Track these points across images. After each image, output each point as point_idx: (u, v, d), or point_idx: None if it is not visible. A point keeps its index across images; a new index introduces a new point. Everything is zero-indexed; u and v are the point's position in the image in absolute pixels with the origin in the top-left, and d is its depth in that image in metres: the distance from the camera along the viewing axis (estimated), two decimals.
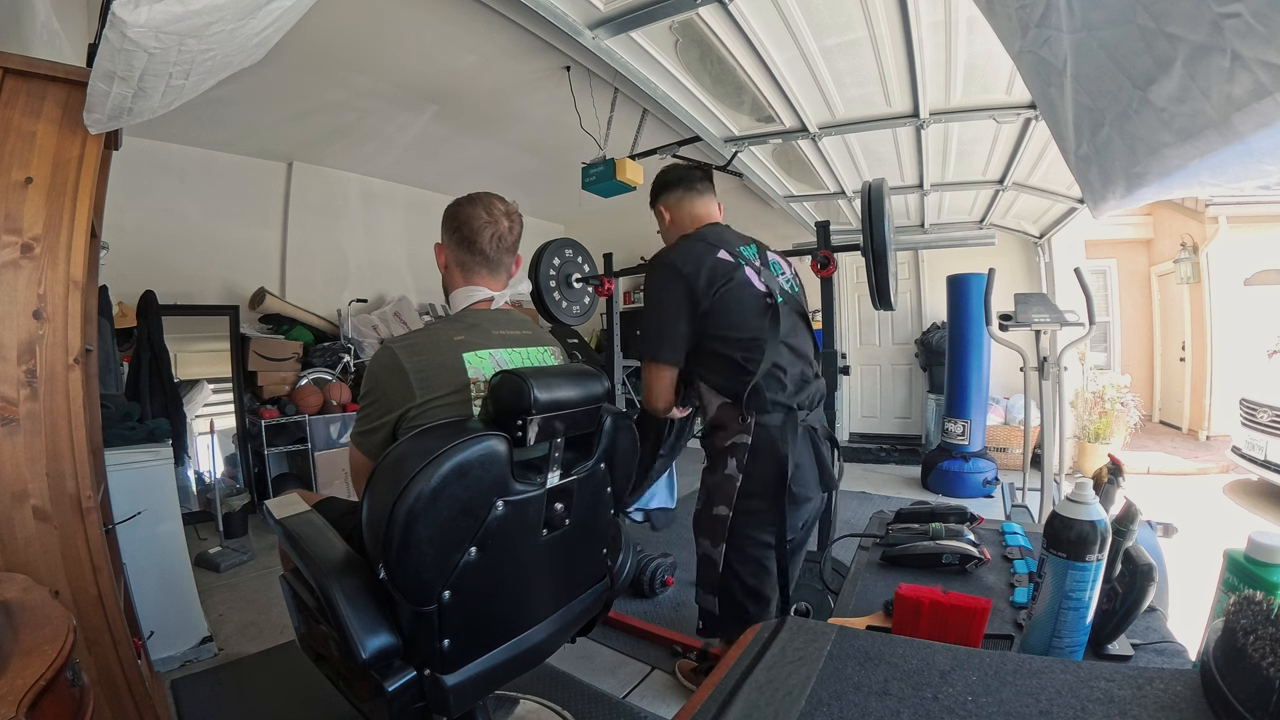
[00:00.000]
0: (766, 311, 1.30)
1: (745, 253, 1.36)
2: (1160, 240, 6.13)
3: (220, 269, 3.74)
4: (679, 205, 1.47)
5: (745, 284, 1.30)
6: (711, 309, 1.27)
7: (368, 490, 0.91)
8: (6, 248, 1.09)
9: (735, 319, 1.28)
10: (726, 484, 1.27)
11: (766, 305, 1.30)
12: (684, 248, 1.33)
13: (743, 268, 1.31)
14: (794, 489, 1.26)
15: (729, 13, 1.89)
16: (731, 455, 1.27)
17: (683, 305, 1.29)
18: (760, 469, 1.26)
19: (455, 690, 0.96)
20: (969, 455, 4.00)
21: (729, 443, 1.28)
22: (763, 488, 1.26)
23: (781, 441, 1.25)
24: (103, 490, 1.48)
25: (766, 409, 1.27)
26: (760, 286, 1.32)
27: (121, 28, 0.87)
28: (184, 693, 1.74)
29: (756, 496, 1.26)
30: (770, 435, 1.26)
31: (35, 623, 0.77)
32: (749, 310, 1.29)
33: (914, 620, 0.70)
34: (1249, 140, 0.54)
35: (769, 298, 1.31)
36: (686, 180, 1.46)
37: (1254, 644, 0.41)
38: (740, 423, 1.27)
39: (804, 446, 1.30)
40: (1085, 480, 0.69)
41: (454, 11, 2.25)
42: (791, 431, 1.25)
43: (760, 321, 1.28)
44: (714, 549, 1.29)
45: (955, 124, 2.65)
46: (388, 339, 1.28)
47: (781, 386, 1.28)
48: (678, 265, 1.29)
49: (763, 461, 1.26)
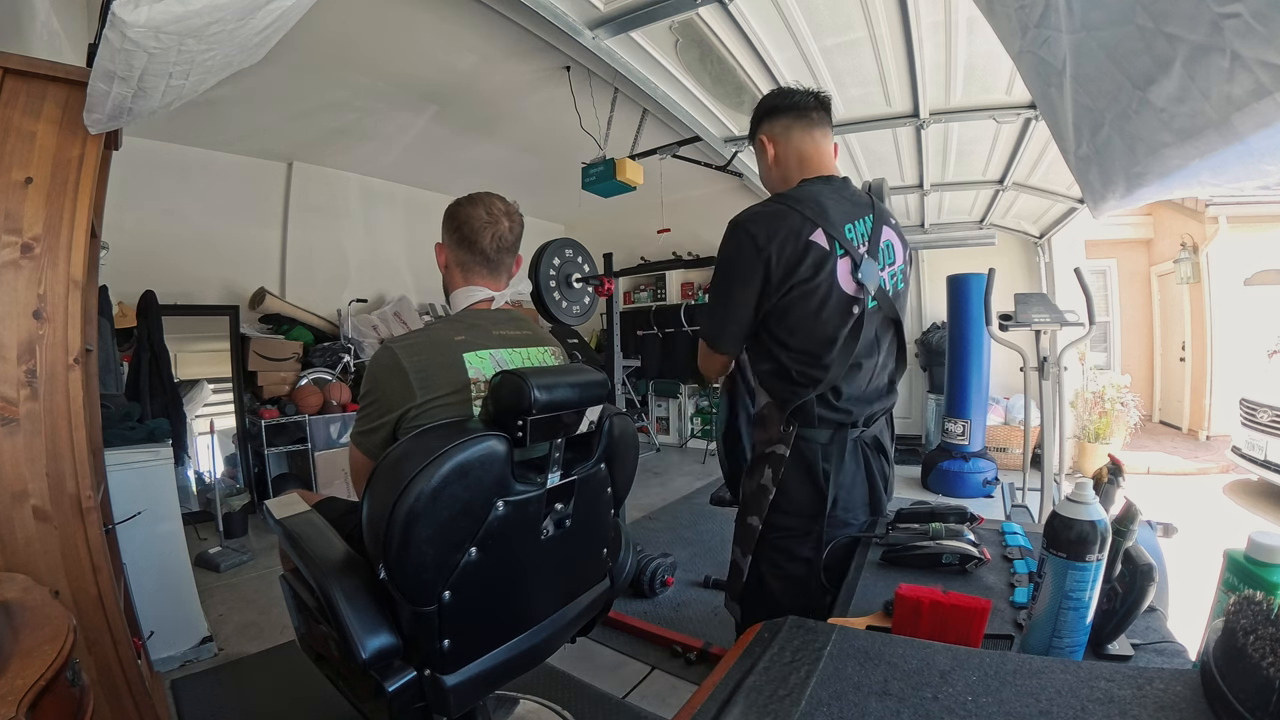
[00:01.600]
0: (846, 322, 1.05)
1: (850, 232, 1.06)
2: (1160, 240, 6.14)
3: (220, 269, 3.74)
4: (786, 136, 1.15)
5: (831, 284, 1.03)
6: (777, 307, 1.05)
7: (368, 490, 0.91)
8: (6, 248, 1.09)
9: (803, 326, 1.05)
10: (760, 494, 1.12)
11: (850, 314, 1.05)
12: (771, 214, 1.05)
13: (835, 259, 1.03)
14: (837, 513, 1.09)
15: (729, 13, 1.89)
16: (768, 464, 1.11)
17: (752, 288, 1.05)
18: (795, 488, 1.10)
19: (455, 690, 0.96)
20: (969, 455, 4.00)
21: (768, 450, 1.12)
22: (796, 508, 1.10)
23: (824, 461, 1.08)
24: (103, 490, 1.48)
25: (812, 423, 1.08)
26: (849, 288, 1.05)
27: (121, 28, 0.87)
28: (184, 693, 1.74)
29: (788, 514, 1.11)
30: (811, 453, 1.08)
31: (35, 623, 0.77)
32: (825, 317, 1.04)
33: (914, 620, 0.70)
34: (1249, 140, 0.54)
35: (856, 305, 1.05)
36: (800, 107, 1.14)
37: (1254, 644, 0.41)
38: (781, 430, 1.10)
39: (854, 466, 1.11)
40: (1085, 480, 0.69)
41: (454, 11, 2.25)
42: (838, 453, 1.08)
43: (833, 333, 1.05)
44: (742, 558, 1.16)
45: (955, 124, 2.65)
46: (388, 339, 1.28)
47: (833, 405, 1.08)
48: (756, 238, 1.03)
49: (799, 481, 1.09)
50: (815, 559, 1.09)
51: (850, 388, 1.08)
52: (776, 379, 1.11)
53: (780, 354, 1.09)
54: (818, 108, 1.15)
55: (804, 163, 1.14)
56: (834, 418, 1.08)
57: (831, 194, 1.08)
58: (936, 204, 4.13)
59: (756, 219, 1.05)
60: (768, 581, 1.14)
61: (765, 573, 1.14)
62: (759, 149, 1.20)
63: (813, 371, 1.06)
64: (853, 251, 1.05)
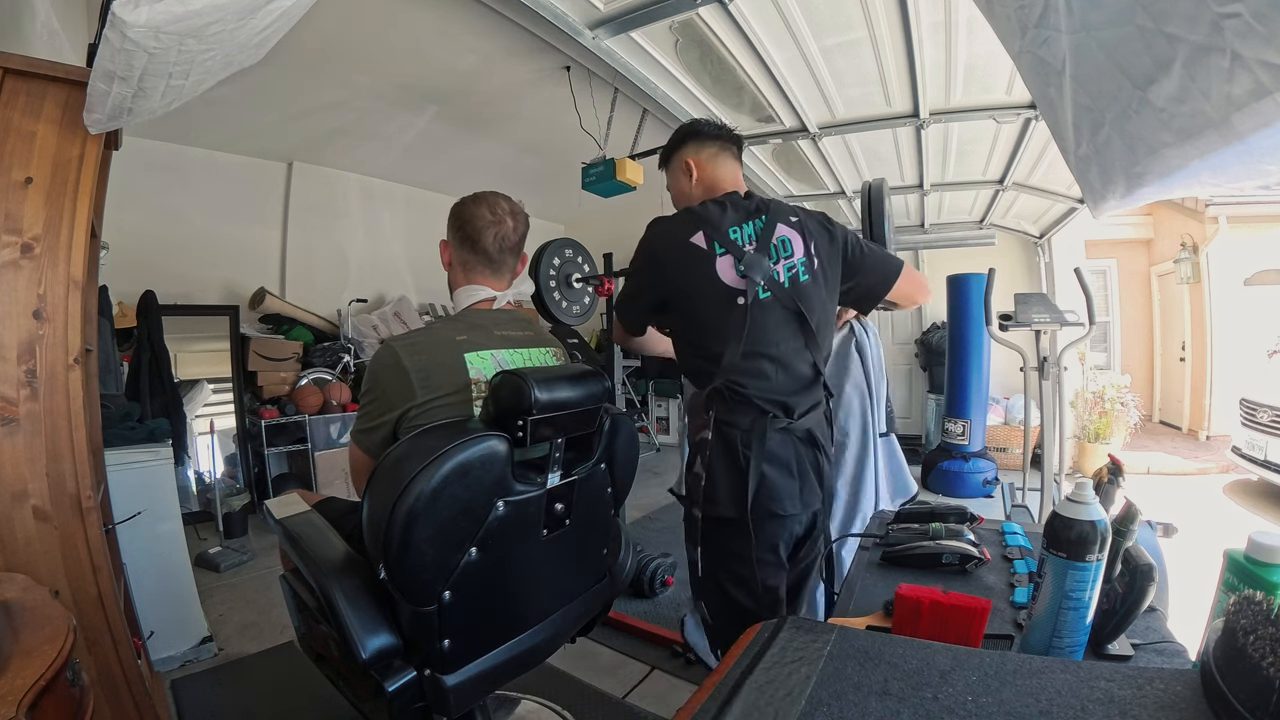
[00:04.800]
0: (730, 311, 1.11)
1: (735, 234, 1.16)
2: (1160, 240, 6.14)
3: (220, 269, 3.73)
4: (714, 162, 1.26)
5: (711, 280, 1.12)
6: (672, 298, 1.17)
7: (368, 490, 0.91)
8: (6, 248, 1.09)
9: (692, 316, 1.17)
10: (695, 483, 1.14)
11: (734, 304, 1.12)
12: (672, 228, 1.18)
13: (715, 259, 1.13)
14: (768, 505, 1.09)
15: (729, 13, 1.89)
16: (699, 451, 1.14)
17: (646, 292, 1.22)
18: (721, 474, 1.11)
19: (455, 690, 0.96)
20: (969, 455, 4.00)
21: (698, 438, 1.15)
22: (725, 495, 1.10)
23: (744, 447, 1.09)
24: (103, 490, 1.48)
25: (731, 410, 1.11)
26: (730, 281, 1.12)
27: (121, 28, 0.87)
28: (184, 693, 1.74)
29: (719, 503, 1.11)
30: (732, 438, 1.10)
31: (35, 623, 0.77)
32: (707, 307, 1.13)
33: (914, 620, 0.70)
34: (1249, 140, 0.54)
35: (740, 296, 1.12)
36: (724, 138, 1.27)
37: (1254, 644, 0.41)
38: (706, 417, 1.14)
39: (780, 455, 1.11)
40: (1085, 480, 0.69)
41: (454, 11, 2.25)
42: (758, 439, 1.08)
43: (719, 321, 1.12)
44: (693, 549, 1.17)
45: (955, 124, 2.65)
46: (389, 338, 1.27)
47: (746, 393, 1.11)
48: (655, 250, 1.18)
49: (724, 467, 1.11)
50: (747, 554, 1.09)
51: (760, 378, 1.11)
52: (689, 368, 1.21)
53: (684, 344, 1.21)
54: (737, 142, 1.30)
55: (718, 185, 1.26)
56: (751, 406, 1.10)
57: (726, 205, 1.19)
58: (936, 204, 4.13)
59: (661, 229, 1.20)
60: (718, 576, 1.15)
61: (715, 567, 1.15)
62: (680, 169, 1.29)
63: (708, 358, 1.13)
64: (734, 249, 1.14)
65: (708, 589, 1.17)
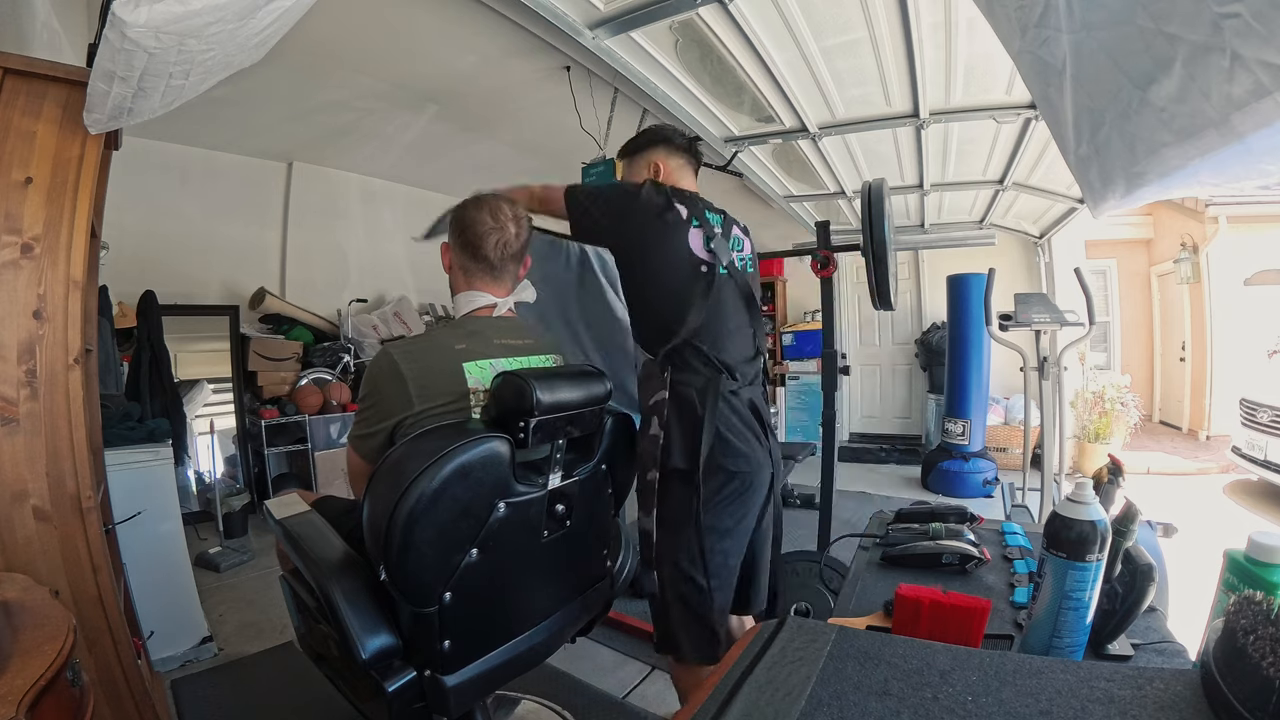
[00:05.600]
0: (697, 278, 1.23)
1: (710, 218, 1.29)
2: (1160, 240, 6.13)
3: (220, 269, 3.73)
4: (678, 171, 1.36)
5: (682, 246, 1.23)
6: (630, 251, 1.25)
7: (368, 491, 0.91)
8: (6, 248, 1.09)
9: (661, 283, 1.23)
10: (651, 445, 1.18)
11: (700, 273, 1.23)
12: (655, 189, 1.27)
13: (689, 230, 1.24)
14: (722, 461, 1.16)
15: (729, 13, 1.89)
16: (654, 413, 1.20)
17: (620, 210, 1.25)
18: (679, 429, 1.17)
19: (455, 691, 0.96)
20: (969, 455, 4.00)
21: (653, 399, 1.21)
22: (683, 450, 1.16)
23: (699, 405, 1.17)
24: (103, 490, 1.48)
25: (686, 370, 1.20)
26: (700, 252, 1.24)
27: (121, 28, 0.87)
28: (184, 693, 1.73)
29: (680, 457, 1.16)
30: (689, 395, 1.18)
31: (35, 623, 0.77)
32: (677, 267, 1.23)
33: (914, 620, 0.70)
34: (1248, 140, 0.54)
35: (705, 267, 1.24)
36: (691, 153, 1.39)
37: (1254, 644, 0.41)
38: (661, 378, 1.21)
39: (730, 416, 1.19)
40: (1085, 480, 0.69)
41: (454, 11, 2.25)
42: (712, 397, 1.17)
43: (686, 284, 1.22)
44: (647, 518, 1.19)
45: (955, 124, 2.65)
46: (388, 342, 1.28)
47: (704, 355, 1.20)
48: (639, 188, 1.26)
49: (684, 422, 1.18)
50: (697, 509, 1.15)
51: (717, 343, 1.22)
52: (648, 328, 1.27)
53: (644, 306, 1.27)
54: (700, 161, 1.42)
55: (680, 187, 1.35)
56: (708, 365, 1.20)
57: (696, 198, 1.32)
58: (936, 204, 4.13)
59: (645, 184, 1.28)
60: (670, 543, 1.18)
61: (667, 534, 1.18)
62: (645, 165, 1.37)
63: (670, 319, 1.21)
64: (707, 227, 1.26)
65: (661, 560, 1.19)
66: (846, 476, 4.22)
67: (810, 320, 5.63)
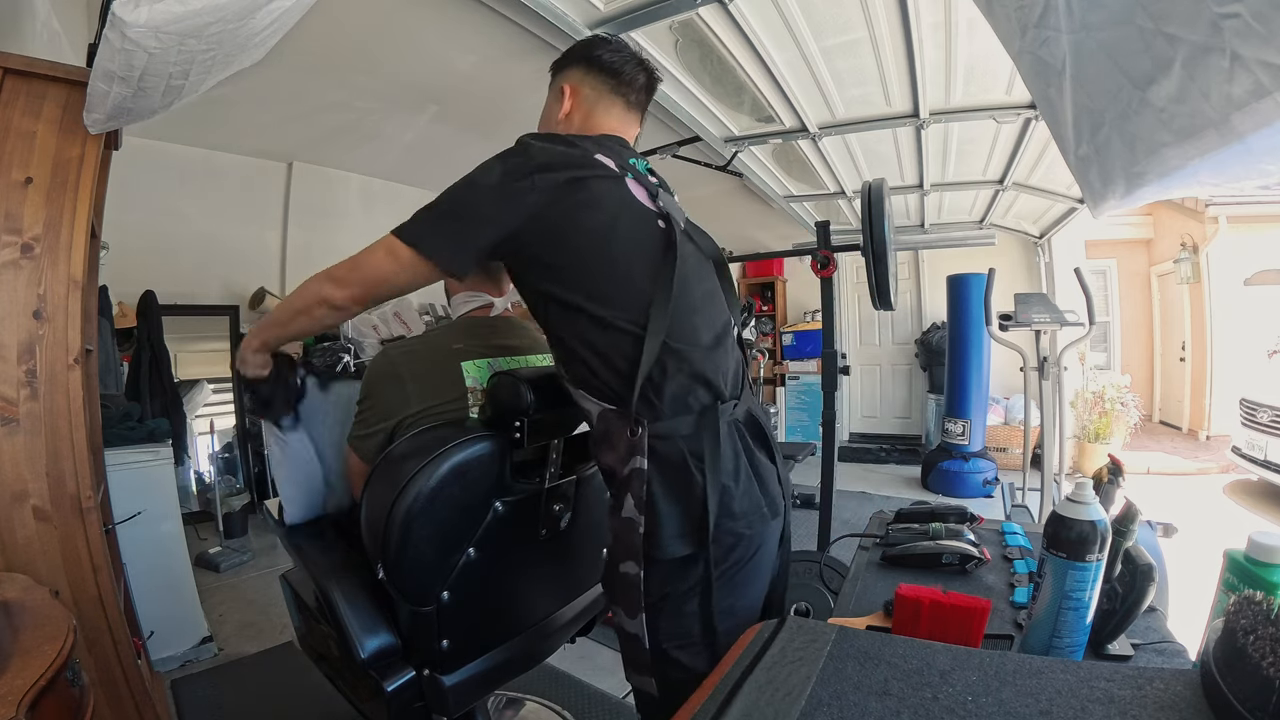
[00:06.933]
0: (653, 238, 0.85)
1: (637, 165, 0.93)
2: (1160, 240, 6.14)
3: (220, 269, 3.73)
4: (595, 101, 0.96)
5: (627, 201, 0.85)
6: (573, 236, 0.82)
7: (366, 491, 0.91)
8: (6, 248, 1.09)
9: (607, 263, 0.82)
10: (626, 532, 0.81)
11: (656, 228, 0.85)
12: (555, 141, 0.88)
13: (625, 180, 0.86)
14: (728, 525, 0.80)
15: (729, 13, 1.89)
16: (626, 490, 0.81)
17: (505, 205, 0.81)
18: (670, 505, 0.80)
19: (454, 690, 0.96)
20: (969, 455, 4.00)
21: (625, 470, 0.82)
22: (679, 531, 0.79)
23: (694, 457, 0.80)
24: (103, 490, 1.48)
25: (663, 414, 0.81)
26: (649, 205, 0.87)
27: (121, 28, 0.87)
28: (184, 693, 1.74)
29: (675, 543, 0.79)
30: (675, 452, 0.80)
31: (35, 623, 0.77)
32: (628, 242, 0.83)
33: (914, 620, 0.70)
34: (1248, 140, 0.54)
35: (661, 220, 0.86)
36: (623, 74, 0.96)
37: (1254, 644, 0.41)
38: (629, 437, 0.81)
39: (732, 454, 0.83)
40: (1085, 480, 0.69)
41: (454, 11, 2.25)
42: (711, 440, 0.81)
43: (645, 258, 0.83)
44: (630, 620, 0.82)
45: (955, 124, 2.65)
46: (387, 343, 1.28)
47: (684, 372, 0.82)
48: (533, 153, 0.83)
49: (674, 494, 0.80)
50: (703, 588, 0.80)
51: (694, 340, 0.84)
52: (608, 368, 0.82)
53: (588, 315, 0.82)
54: (645, 89, 0.99)
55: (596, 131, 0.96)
56: (692, 396, 0.83)
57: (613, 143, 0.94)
58: (936, 204, 4.13)
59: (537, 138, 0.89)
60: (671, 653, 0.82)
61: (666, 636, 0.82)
62: (556, 93, 0.99)
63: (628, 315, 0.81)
64: (641, 179, 0.89)
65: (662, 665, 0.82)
66: (846, 476, 4.22)
67: (810, 320, 5.63)
